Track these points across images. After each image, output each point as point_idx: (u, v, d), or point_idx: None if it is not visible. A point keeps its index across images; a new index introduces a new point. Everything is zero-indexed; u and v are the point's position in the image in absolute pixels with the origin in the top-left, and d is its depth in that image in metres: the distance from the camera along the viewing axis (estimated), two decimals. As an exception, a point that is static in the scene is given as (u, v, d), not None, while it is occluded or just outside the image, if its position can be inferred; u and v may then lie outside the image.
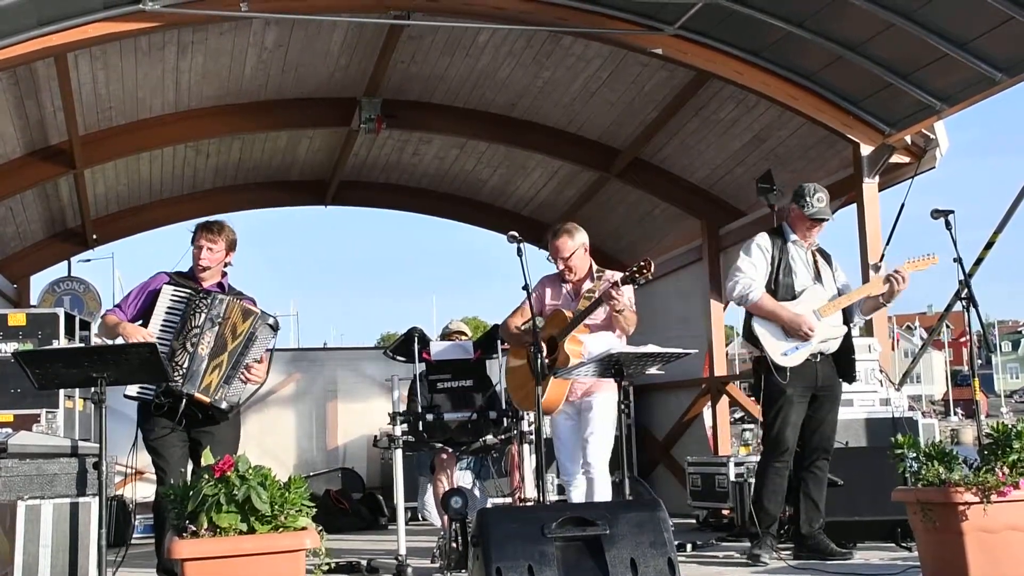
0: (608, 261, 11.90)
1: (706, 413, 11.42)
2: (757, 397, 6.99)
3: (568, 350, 6.26)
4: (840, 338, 6.79)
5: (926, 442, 5.66)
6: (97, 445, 5.26)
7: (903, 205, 8.74)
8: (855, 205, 8.93)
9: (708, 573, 6.57)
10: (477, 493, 7.75)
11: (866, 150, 8.80)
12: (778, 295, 6.71)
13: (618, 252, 13.07)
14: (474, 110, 10.91)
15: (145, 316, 5.98)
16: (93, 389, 5.16)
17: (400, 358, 7.57)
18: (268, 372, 6.11)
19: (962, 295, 6.60)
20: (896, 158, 8.83)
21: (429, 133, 11.51)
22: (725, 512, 9.11)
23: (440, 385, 7.25)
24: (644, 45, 8.67)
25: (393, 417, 6.88)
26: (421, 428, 6.95)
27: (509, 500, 7.82)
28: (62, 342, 8.88)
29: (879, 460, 6.60)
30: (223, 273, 6.20)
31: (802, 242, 6.85)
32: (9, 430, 6.59)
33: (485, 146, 11.78)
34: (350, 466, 12.02)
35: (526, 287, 6.12)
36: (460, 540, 6.37)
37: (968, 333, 7.53)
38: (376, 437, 9.07)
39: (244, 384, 5.99)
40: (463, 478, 7.79)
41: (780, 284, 6.74)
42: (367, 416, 11.89)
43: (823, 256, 6.95)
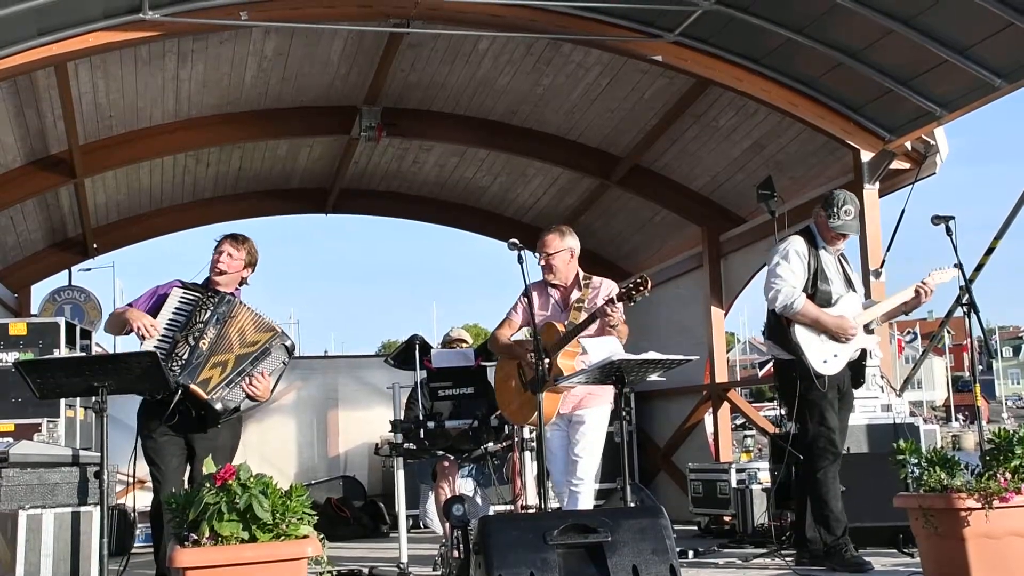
0: (608, 268, 11.95)
1: (707, 420, 11.42)
2: (784, 401, 6.88)
3: (561, 364, 6.13)
4: (867, 347, 6.75)
5: (928, 448, 5.66)
6: (98, 454, 5.26)
7: (903, 211, 8.76)
8: (856, 211, 8.93)
9: (710, 580, 6.57)
10: (479, 500, 7.74)
11: (866, 156, 8.80)
12: (815, 303, 6.59)
13: (618, 259, 13.08)
14: (474, 118, 10.92)
15: (153, 315, 5.93)
16: (94, 398, 5.17)
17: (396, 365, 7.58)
18: (272, 391, 6.06)
19: (963, 301, 6.59)
20: (896, 164, 8.82)
21: (429, 141, 11.52)
22: (726, 519, 9.11)
23: (441, 392, 7.25)
24: (644, 52, 8.68)
25: (395, 425, 6.87)
26: (423, 436, 6.95)
27: (511, 507, 7.81)
28: (63, 351, 8.87)
29: (881, 466, 6.56)
30: (238, 288, 6.14)
31: (830, 248, 6.76)
32: (10, 440, 6.60)
33: (485, 154, 11.79)
34: (351, 474, 12.01)
35: (526, 294, 6.09)
36: (462, 548, 6.35)
37: (969, 338, 7.52)
38: (377, 445, 9.08)
39: (243, 394, 5.94)
40: (465, 485, 7.78)
41: (818, 291, 6.62)
42: (368, 424, 11.87)
43: (846, 260, 6.89)
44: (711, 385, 11.18)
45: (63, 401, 8.69)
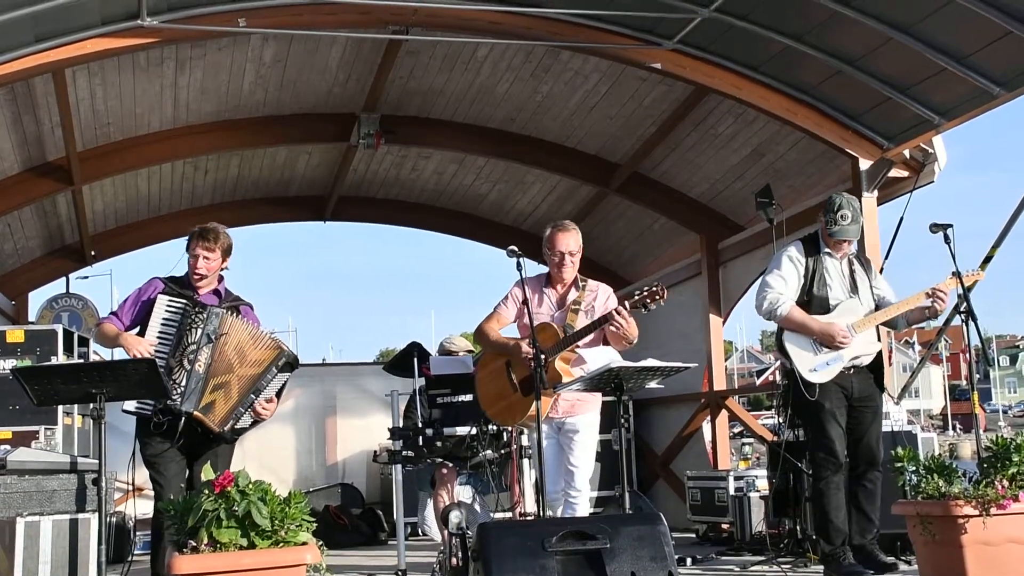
0: (607, 276, 11.92)
1: (705, 427, 11.40)
2: (786, 409, 6.86)
3: (559, 368, 6.03)
4: (873, 355, 6.63)
5: (926, 455, 5.66)
6: (96, 461, 5.25)
7: (902, 219, 8.77)
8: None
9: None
10: (477, 508, 7.73)
11: (865, 164, 8.79)
12: (811, 308, 6.54)
13: (617, 267, 13.08)
14: (473, 125, 10.92)
15: (141, 325, 5.92)
16: (92, 405, 5.16)
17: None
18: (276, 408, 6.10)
19: (961, 309, 6.57)
20: (895, 172, 8.82)
21: (428, 148, 11.52)
22: (725, 526, 9.12)
23: (440, 400, 7.25)
24: (643, 60, 8.67)
25: (393, 432, 6.86)
26: (421, 443, 6.94)
27: (509, 514, 7.80)
28: (60, 358, 8.88)
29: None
30: (220, 278, 6.15)
31: (835, 254, 6.69)
32: (8, 447, 6.59)
33: (484, 161, 11.79)
34: (349, 481, 11.98)
35: (525, 301, 6.05)
36: (460, 555, 6.34)
37: (967, 347, 7.51)
38: (376, 452, 9.07)
39: (251, 419, 5.97)
40: (463, 493, 7.77)
41: (814, 297, 6.57)
42: (366, 431, 11.88)
43: (862, 265, 6.80)
44: (709, 393, 11.18)
45: (61, 408, 8.70)
